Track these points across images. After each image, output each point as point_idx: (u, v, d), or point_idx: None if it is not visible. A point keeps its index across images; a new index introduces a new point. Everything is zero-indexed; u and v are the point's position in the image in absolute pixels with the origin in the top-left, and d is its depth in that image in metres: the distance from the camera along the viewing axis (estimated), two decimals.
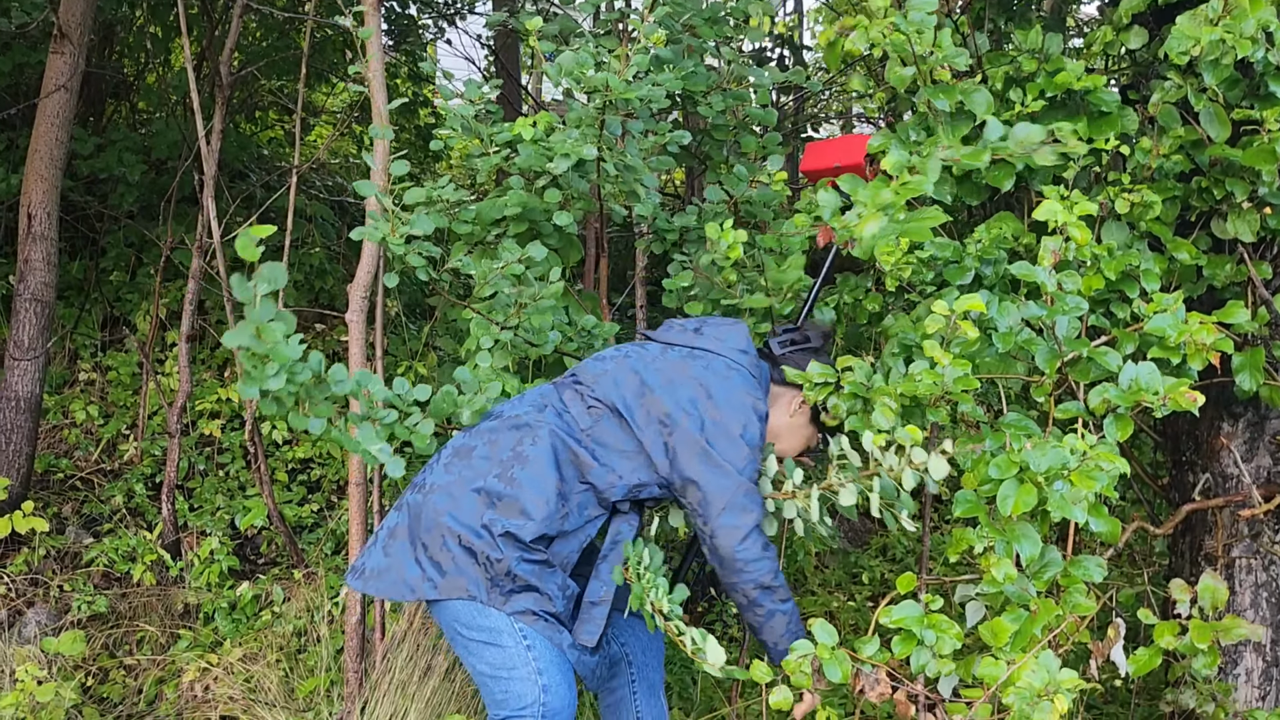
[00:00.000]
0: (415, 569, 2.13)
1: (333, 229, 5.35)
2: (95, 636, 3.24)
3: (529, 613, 2.11)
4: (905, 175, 2.19)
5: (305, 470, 4.31)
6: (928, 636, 1.93)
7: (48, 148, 3.63)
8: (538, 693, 2.09)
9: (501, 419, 2.26)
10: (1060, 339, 2.13)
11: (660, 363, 2.24)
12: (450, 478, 2.17)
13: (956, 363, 2.04)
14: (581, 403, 2.23)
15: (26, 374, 3.58)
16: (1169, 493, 2.82)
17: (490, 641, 2.11)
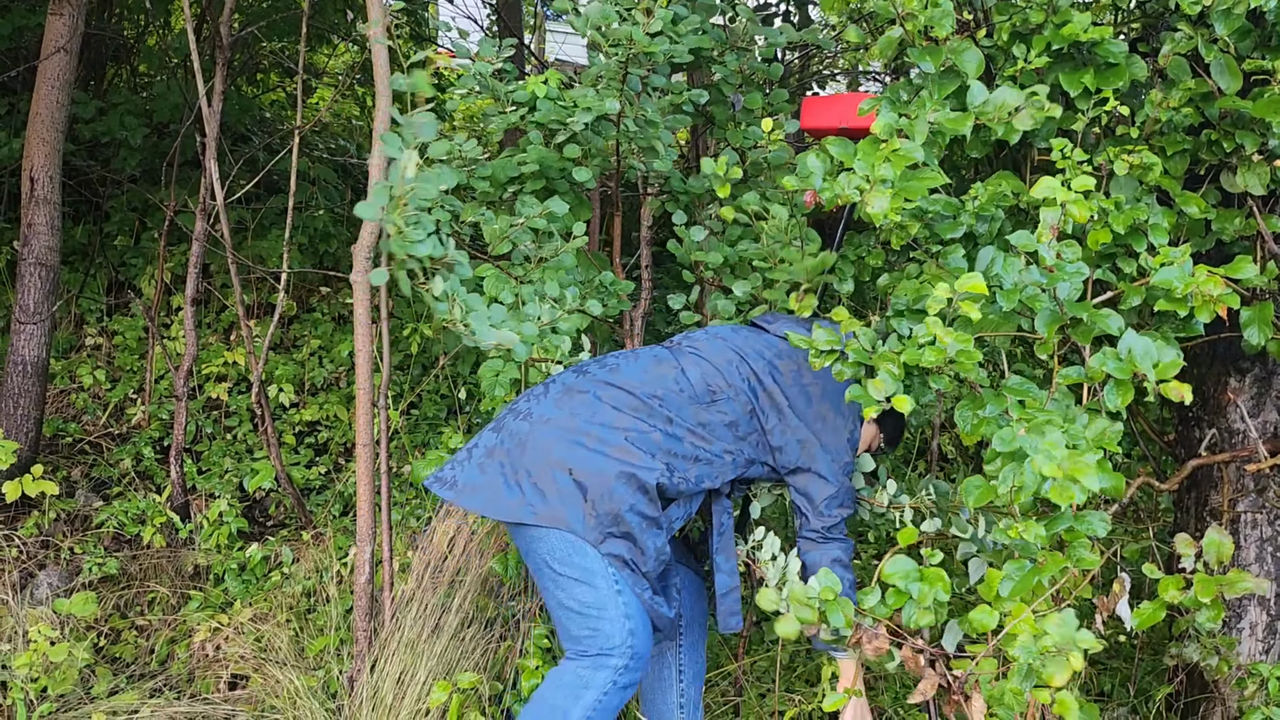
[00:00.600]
0: (515, 492, 2.20)
1: (336, 192, 5.33)
2: (106, 598, 3.27)
3: (620, 559, 2.18)
4: (895, 141, 2.17)
5: (312, 433, 4.32)
6: (914, 590, 1.94)
7: (48, 111, 3.62)
8: (626, 635, 2.15)
9: (617, 374, 2.32)
10: (1062, 301, 2.12)
11: (784, 358, 2.38)
12: (562, 413, 2.24)
13: (958, 337, 2.03)
14: (702, 378, 2.33)
15: (33, 338, 3.59)
16: (1175, 449, 2.82)
17: (582, 580, 2.17)
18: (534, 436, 2.22)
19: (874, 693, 3.09)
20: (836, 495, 2.35)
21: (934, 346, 2.02)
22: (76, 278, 4.75)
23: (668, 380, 2.32)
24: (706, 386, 2.33)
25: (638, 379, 2.31)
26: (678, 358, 2.38)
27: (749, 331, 2.48)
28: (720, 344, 2.41)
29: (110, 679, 2.95)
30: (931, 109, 2.24)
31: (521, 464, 2.21)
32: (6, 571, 3.20)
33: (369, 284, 2.79)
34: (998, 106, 2.21)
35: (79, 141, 4.79)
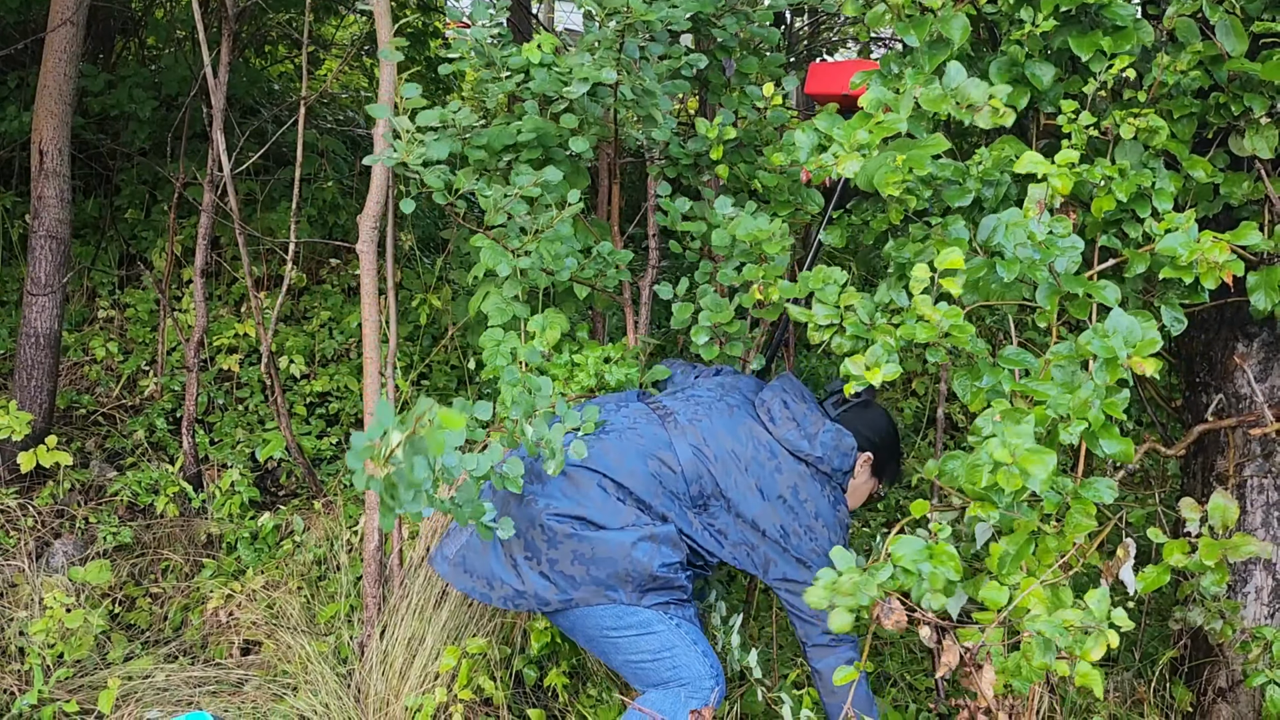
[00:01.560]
0: (544, 581, 2.28)
1: (345, 163, 5.33)
2: (121, 566, 3.31)
3: (665, 604, 2.28)
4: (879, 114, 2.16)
5: (323, 404, 4.35)
6: (924, 569, 1.94)
7: (56, 83, 3.62)
8: (701, 657, 2.25)
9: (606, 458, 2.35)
10: (1058, 276, 2.11)
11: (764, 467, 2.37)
12: (569, 503, 2.30)
13: (947, 313, 2.02)
14: (693, 482, 2.36)
15: (45, 310, 3.62)
16: (1182, 414, 2.82)
17: (644, 632, 2.25)
18: (542, 526, 2.28)
19: (880, 659, 3.12)
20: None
21: (924, 324, 2.03)
22: (88, 251, 4.77)
23: (665, 476, 2.34)
24: (697, 488, 2.36)
25: (632, 470, 2.32)
26: (675, 446, 2.37)
27: (750, 423, 2.44)
28: (723, 441, 2.39)
29: (125, 645, 2.99)
30: (918, 83, 2.22)
31: (541, 555, 2.28)
32: (22, 540, 3.25)
33: (375, 254, 2.81)
34: (964, 97, 2.18)
35: (88, 115, 4.80)
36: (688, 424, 2.40)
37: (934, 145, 2.16)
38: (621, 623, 2.26)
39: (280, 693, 2.77)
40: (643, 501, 2.31)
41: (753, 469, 2.36)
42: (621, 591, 2.25)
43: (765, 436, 2.40)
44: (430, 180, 2.38)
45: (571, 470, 2.32)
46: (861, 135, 2.15)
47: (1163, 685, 2.74)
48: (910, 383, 4.90)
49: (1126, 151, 2.33)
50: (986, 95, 2.16)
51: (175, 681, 2.81)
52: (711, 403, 2.47)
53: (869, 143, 2.15)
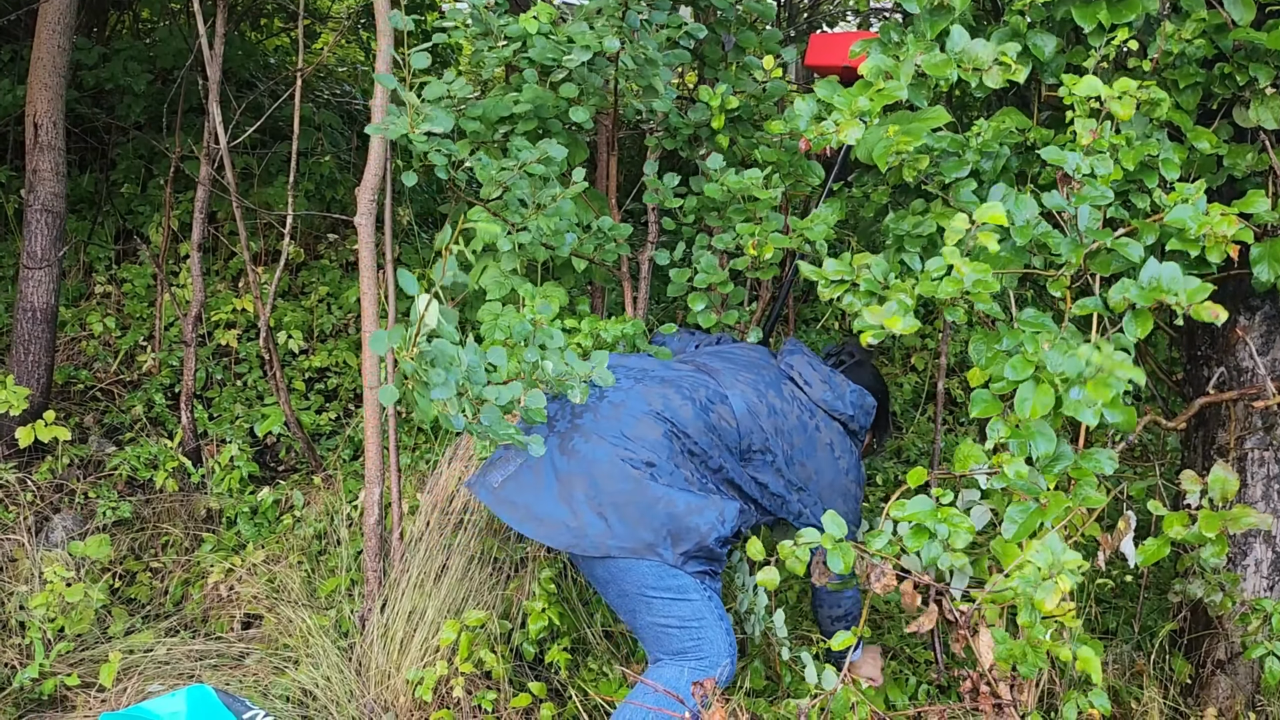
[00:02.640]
0: (600, 523, 2.24)
1: (342, 137, 5.29)
2: (121, 541, 3.31)
3: (704, 572, 2.28)
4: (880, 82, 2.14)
5: (322, 379, 4.34)
6: (940, 530, 1.94)
7: (50, 55, 3.59)
8: (725, 635, 2.25)
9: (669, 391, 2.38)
10: (1082, 230, 2.10)
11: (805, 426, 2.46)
12: (634, 439, 2.28)
13: (976, 267, 2.01)
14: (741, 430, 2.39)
15: (41, 284, 3.59)
16: (1183, 388, 2.81)
17: (679, 598, 2.24)
18: (616, 466, 2.25)
19: (880, 632, 3.12)
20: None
21: (951, 277, 2.01)
22: (84, 226, 4.75)
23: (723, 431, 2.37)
24: (747, 442, 2.40)
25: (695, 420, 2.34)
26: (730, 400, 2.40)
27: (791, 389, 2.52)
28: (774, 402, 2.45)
29: (126, 619, 3.00)
30: (919, 50, 2.20)
31: (605, 495, 2.24)
32: (22, 515, 3.24)
33: (373, 226, 2.79)
34: (971, 58, 2.17)
35: (83, 89, 4.76)
36: (734, 381, 2.45)
37: (934, 117, 2.15)
38: (661, 583, 2.24)
39: (281, 666, 2.77)
40: (704, 453, 2.33)
41: (797, 428, 2.43)
42: (670, 552, 2.24)
43: (803, 397, 2.49)
44: (434, 156, 2.36)
45: (642, 415, 2.32)
46: (862, 102, 2.13)
47: (1162, 658, 2.75)
48: (910, 358, 4.90)
49: (1131, 122, 2.31)
50: (994, 55, 2.14)
51: (176, 655, 2.82)
52: (747, 363, 2.53)
53: (870, 110, 2.13)
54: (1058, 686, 2.61)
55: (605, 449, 2.27)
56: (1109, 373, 1.93)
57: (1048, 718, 2.56)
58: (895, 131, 2.13)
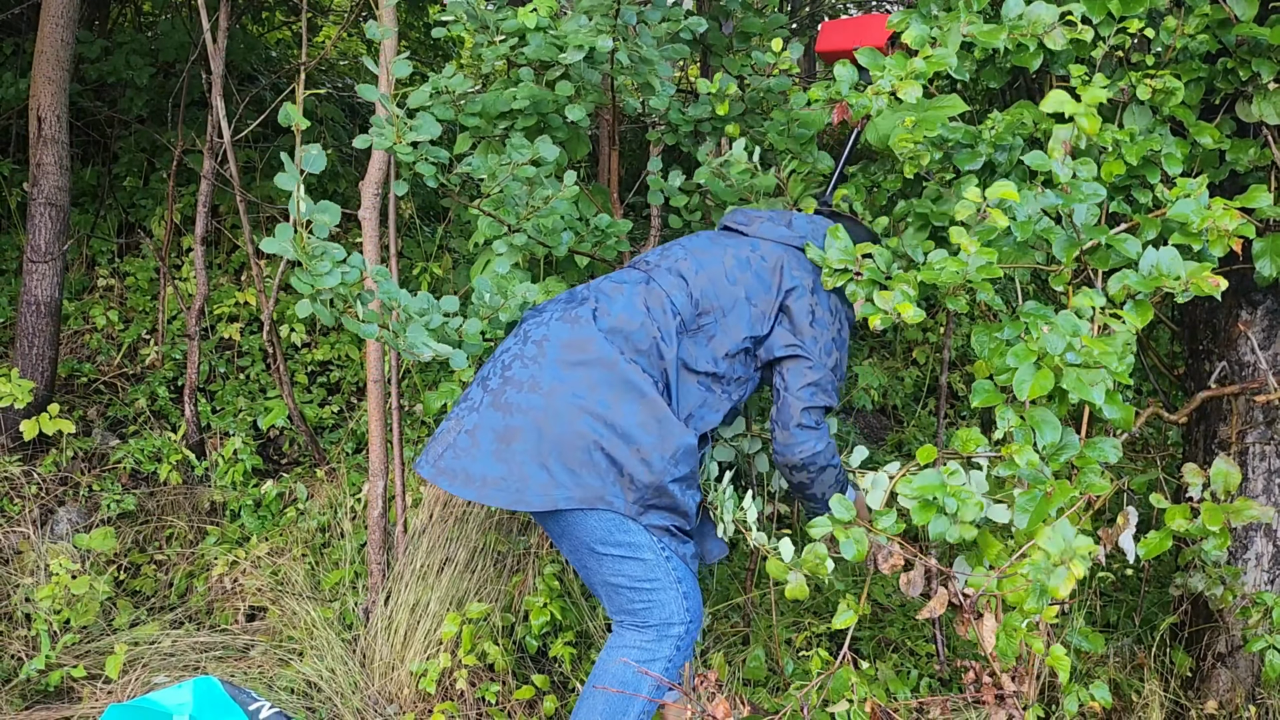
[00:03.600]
0: (543, 474, 2.07)
1: (344, 130, 5.29)
2: (125, 533, 3.32)
3: (664, 528, 2.13)
4: (927, 49, 2.14)
5: (324, 372, 4.35)
6: (949, 504, 1.93)
7: (53, 49, 3.59)
8: (681, 600, 2.14)
9: (609, 317, 2.21)
10: (1079, 226, 2.11)
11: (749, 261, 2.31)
12: (574, 381, 2.11)
13: (982, 251, 2.02)
14: (688, 297, 2.25)
15: (45, 278, 3.60)
16: (1185, 382, 2.82)
17: (630, 555, 2.12)
18: (552, 411, 2.08)
19: (882, 625, 3.14)
20: (819, 382, 2.26)
21: (955, 259, 2.01)
22: (87, 219, 4.75)
23: (658, 313, 2.21)
24: (695, 310, 2.24)
25: (630, 317, 2.19)
26: (660, 282, 2.26)
27: (726, 237, 2.39)
28: (702, 257, 2.31)
29: (131, 611, 3.01)
30: (966, 20, 2.20)
31: (546, 444, 2.07)
32: (27, 508, 3.25)
33: (377, 220, 2.80)
34: (1032, 22, 2.17)
35: (85, 82, 4.76)
36: (661, 258, 2.35)
37: (950, 106, 2.15)
38: (611, 539, 2.11)
39: (286, 658, 2.79)
40: (650, 347, 2.18)
41: (740, 266, 2.30)
42: (622, 499, 2.08)
43: (742, 239, 2.37)
44: (421, 167, 2.36)
45: (570, 340, 2.16)
46: (918, 64, 2.13)
47: (1163, 651, 2.76)
48: (911, 351, 4.90)
49: (1135, 117, 2.32)
50: (1057, 15, 2.15)
51: (181, 647, 2.83)
52: (683, 240, 2.43)
53: (925, 72, 2.13)
54: (1059, 679, 2.62)
55: (539, 397, 2.10)
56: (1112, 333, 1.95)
57: (1049, 710, 2.57)
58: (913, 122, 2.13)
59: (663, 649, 2.14)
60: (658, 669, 2.13)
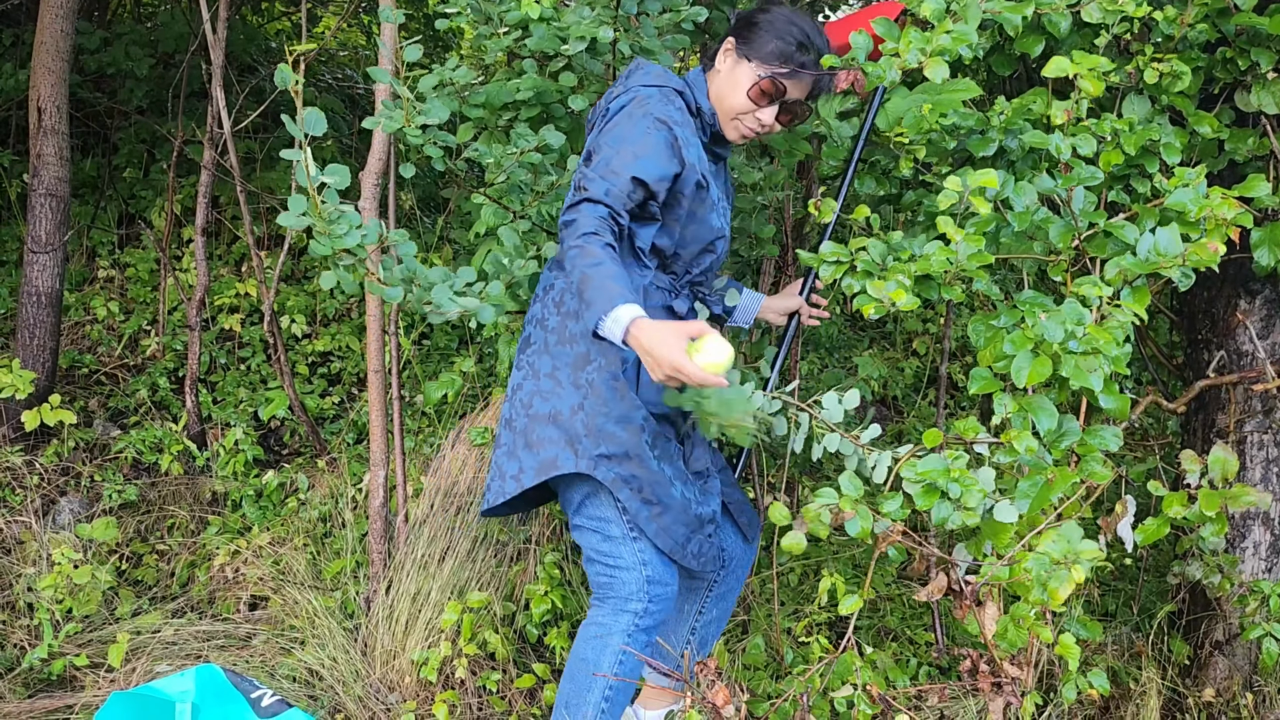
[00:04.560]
0: (514, 464, 2.18)
1: (343, 121, 5.30)
2: (127, 523, 3.33)
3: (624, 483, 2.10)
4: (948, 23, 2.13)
5: (325, 363, 4.36)
6: (953, 489, 1.93)
7: (53, 39, 3.59)
8: (641, 582, 2.15)
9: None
10: (1076, 213, 2.11)
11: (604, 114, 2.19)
12: (523, 372, 2.23)
13: (970, 239, 2.02)
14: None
15: (46, 269, 3.61)
16: (1184, 372, 2.83)
17: (598, 529, 2.18)
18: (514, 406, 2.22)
19: (880, 614, 3.15)
20: (585, 174, 2.04)
21: (945, 248, 2.02)
22: (87, 211, 4.76)
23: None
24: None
25: None
26: None
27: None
28: None
29: (133, 601, 3.02)
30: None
31: (516, 437, 2.20)
32: (29, 498, 3.26)
33: (376, 211, 2.80)
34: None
35: (85, 73, 4.76)
36: None
37: (963, 90, 2.14)
38: (584, 509, 2.17)
39: (288, 646, 2.80)
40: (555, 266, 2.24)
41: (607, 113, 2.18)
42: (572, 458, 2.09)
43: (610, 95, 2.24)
44: (429, 149, 2.36)
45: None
46: (944, 39, 2.12)
47: (1160, 639, 2.78)
48: (911, 342, 4.91)
49: (1133, 106, 2.32)
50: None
51: (184, 636, 2.84)
52: None
53: (950, 48, 2.12)
54: (1057, 667, 2.63)
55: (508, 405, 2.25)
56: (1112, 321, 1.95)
57: (1047, 698, 2.59)
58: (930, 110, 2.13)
59: (619, 623, 2.15)
60: (614, 642, 2.14)
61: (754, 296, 2.53)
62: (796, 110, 2.23)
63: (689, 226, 2.20)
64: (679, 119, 2.13)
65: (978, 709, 2.47)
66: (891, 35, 2.24)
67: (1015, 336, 1.97)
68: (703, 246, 2.25)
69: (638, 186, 2.01)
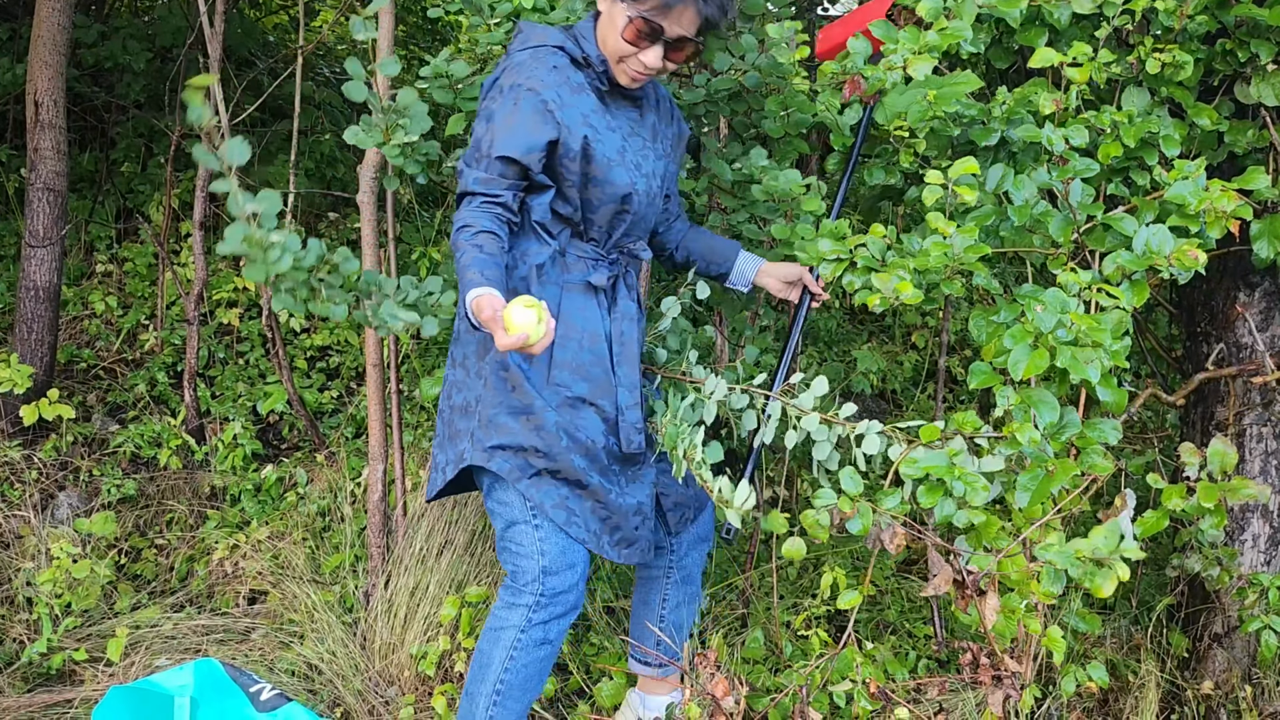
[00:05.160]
0: (442, 455, 2.20)
1: (341, 116, 5.29)
2: (126, 518, 3.33)
3: (519, 469, 2.08)
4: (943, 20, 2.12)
5: (324, 358, 4.35)
6: (957, 487, 1.92)
7: (50, 33, 3.58)
8: (538, 573, 2.11)
9: None
10: (1074, 206, 2.11)
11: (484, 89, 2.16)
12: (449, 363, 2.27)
13: (964, 231, 2.02)
14: None
15: (44, 263, 3.60)
16: (1183, 364, 2.83)
17: (501, 515, 2.15)
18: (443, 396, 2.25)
19: (880, 607, 3.15)
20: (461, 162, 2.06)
21: (939, 242, 2.01)
22: (85, 205, 4.75)
23: None
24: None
25: None
26: None
27: None
28: None
29: (132, 595, 3.02)
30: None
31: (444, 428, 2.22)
32: (27, 493, 3.26)
33: (374, 204, 2.80)
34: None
35: (82, 67, 4.75)
36: None
37: (966, 82, 2.14)
38: (494, 494, 2.15)
39: (287, 641, 2.80)
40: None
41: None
42: (471, 448, 2.11)
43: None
44: (409, 167, 2.34)
45: None
46: (931, 37, 2.12)
47: (1159, 631, 2.78)
48: (910, 336, 4.91)
49: (1132, 99, 2.32)
50: None
51: (183, 630, 2.84)
52: None
53: (939, 45, 2.12)
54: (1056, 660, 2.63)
55: None
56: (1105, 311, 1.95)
57: (1045, 691, 2.59)
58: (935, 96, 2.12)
59: (512, 617, 2.12)
60: (506, 637, 2.12)
61: (752, 260, 2.41)
62: (685, 48, 2.06)
63: (588, 189, 2.09)
64: (551, 80, 2.02)
65: (976, 702, 2.47)
66: (890, 37, 2.24)
67: (1015, 330, 1.97)
68: (614, 208, 2.12)
69: (508, 165, 1.97)
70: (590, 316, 2.15)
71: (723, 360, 3.08)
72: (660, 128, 2.28)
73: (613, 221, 2.15)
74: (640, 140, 2.19)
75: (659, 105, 2.30)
